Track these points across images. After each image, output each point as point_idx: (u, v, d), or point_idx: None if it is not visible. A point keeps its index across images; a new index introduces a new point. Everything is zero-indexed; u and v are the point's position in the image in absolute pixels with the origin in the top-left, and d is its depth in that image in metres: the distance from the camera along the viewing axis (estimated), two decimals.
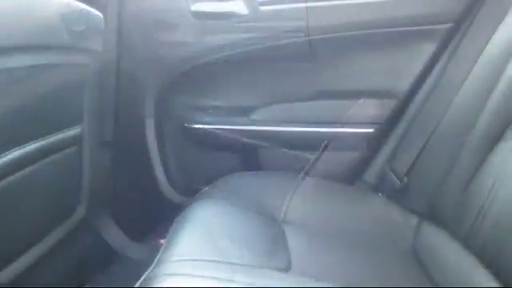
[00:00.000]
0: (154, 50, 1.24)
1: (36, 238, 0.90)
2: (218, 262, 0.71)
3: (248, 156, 1.34)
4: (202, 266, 0.69)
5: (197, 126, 1.33)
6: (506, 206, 0.83)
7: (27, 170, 0.83)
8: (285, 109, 1.30)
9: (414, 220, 1.11)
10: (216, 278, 0.66)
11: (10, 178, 0.78)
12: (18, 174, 0.80)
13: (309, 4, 1.23)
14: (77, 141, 1.05)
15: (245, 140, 1.31)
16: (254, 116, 1.31)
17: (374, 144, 1.27)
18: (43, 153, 0.89)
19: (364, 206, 1.18)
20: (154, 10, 1.22)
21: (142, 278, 0.69)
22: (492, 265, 0.82)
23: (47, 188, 0.92)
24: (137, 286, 0.69)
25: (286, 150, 1.31)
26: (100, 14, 1.04)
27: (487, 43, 1.08)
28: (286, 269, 0.79)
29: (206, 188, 1.15)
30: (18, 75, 0.76)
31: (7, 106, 0.75)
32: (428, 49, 1.23)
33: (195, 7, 1.23)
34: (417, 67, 1.24)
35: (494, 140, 0.94)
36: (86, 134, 1.08)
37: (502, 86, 0.97)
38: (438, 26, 1.21)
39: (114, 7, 1.13)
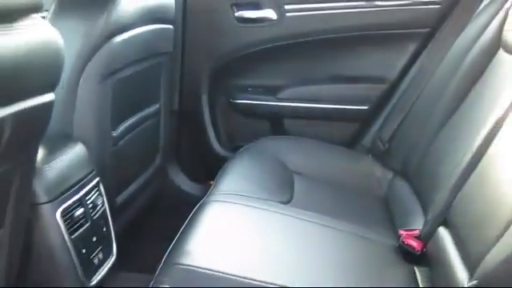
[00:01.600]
0: (207, 46, 1.67)
1: (138, 174, 1.43)
2: (242, 195, 1.19)
3: (276, 124, 1.76)
4: (234, 197, 1.17)
5: (239, 101, 1.76)
6: (450, 167, 1.14)
7: (131, 134, 1.34)
8: (303, 90, 1.71)
9: (390, 175, 1.52)
10: (239, 204, 1.14)
11: (124, 140, 1.29)
12: (127, 137, 1.31)
13: (323, 12, 1.64)
14: (157, 112, 1.54)
15: (273, 112, 1.75)
16: (281, 95, 1.72)
17: (368, 118, 1.68)
18: (139, 122, 1.40)
19: (356, 164, 1.59)
20: (207, 18, 1.65)
21: (200, 203, 1.18)
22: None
23: (142, 144, 1.43)
24: (196, 207, 1.18)
25: (303, 120, 1.74)
26: (171, 27, 1.50)
27: (452, 45, 1.45)
28: (286, 202, 1.26)
29: (245, 146, 1.62)
30: (130, 78, 1.26)
31: (127, 96, 1.25)
32: (411, 47, 1.61)
33: (238, 14, 1.66)
34: (402, 61, 1.62)
35: (448, 116, 1.30)
36: (162, 107, 1.58)
37: (460, 73, 1.34)
38: (418, 30, 1.59)
39: (180, 21, 1.59)
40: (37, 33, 0.71)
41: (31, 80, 0.70)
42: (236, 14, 1.65)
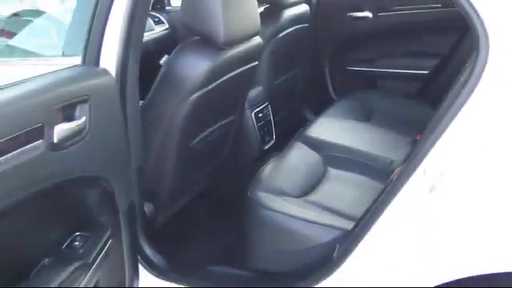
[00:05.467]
0: (329, 34, 2.78)
1: (284, 108, 2.62)
2: (338, 117, 2.32)
3: (371, 82, 2.83)
4: (334, 118, 2.32)
5: (348, 67, 2.84)
6: None
7: (283, 85, 2.54)
8: (388, 61, 2.73)
9: (429, 111, 2.51)
10: (335, 121, 2.28)
11: (278, 87, 2.49)
12: (280, 87, 2.51)
13: (401, 12, 2.63)
14: (296, 74, 2.71)
15: (369, 75, 2.82)
16: (374, 64, 2.78)
17: (427, 79, 2.66)
18: (287, 79, 2.58)
19: (414, 108, 2.56)
20: (330, 17, 2.76)
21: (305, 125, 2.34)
22: None
23: (287, 92, 2.62)
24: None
25: (387, 79, 2.78)
26: (307, 24, 2.64)
27: None
28: (366, 121, 2.37)
29: (346, 95, 2.73)
30: (284, 55, 2.45)
31: (283, 62, 2.45)
32: (457, 35, 2.52)
33: (349, 14, 2.72)
34: (450, 43, 2.55)
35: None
36: (300, 71, 2.75)
37: None
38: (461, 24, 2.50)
39: (313, 20, 2.71)
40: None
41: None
42: (347, 15, 2.74)
